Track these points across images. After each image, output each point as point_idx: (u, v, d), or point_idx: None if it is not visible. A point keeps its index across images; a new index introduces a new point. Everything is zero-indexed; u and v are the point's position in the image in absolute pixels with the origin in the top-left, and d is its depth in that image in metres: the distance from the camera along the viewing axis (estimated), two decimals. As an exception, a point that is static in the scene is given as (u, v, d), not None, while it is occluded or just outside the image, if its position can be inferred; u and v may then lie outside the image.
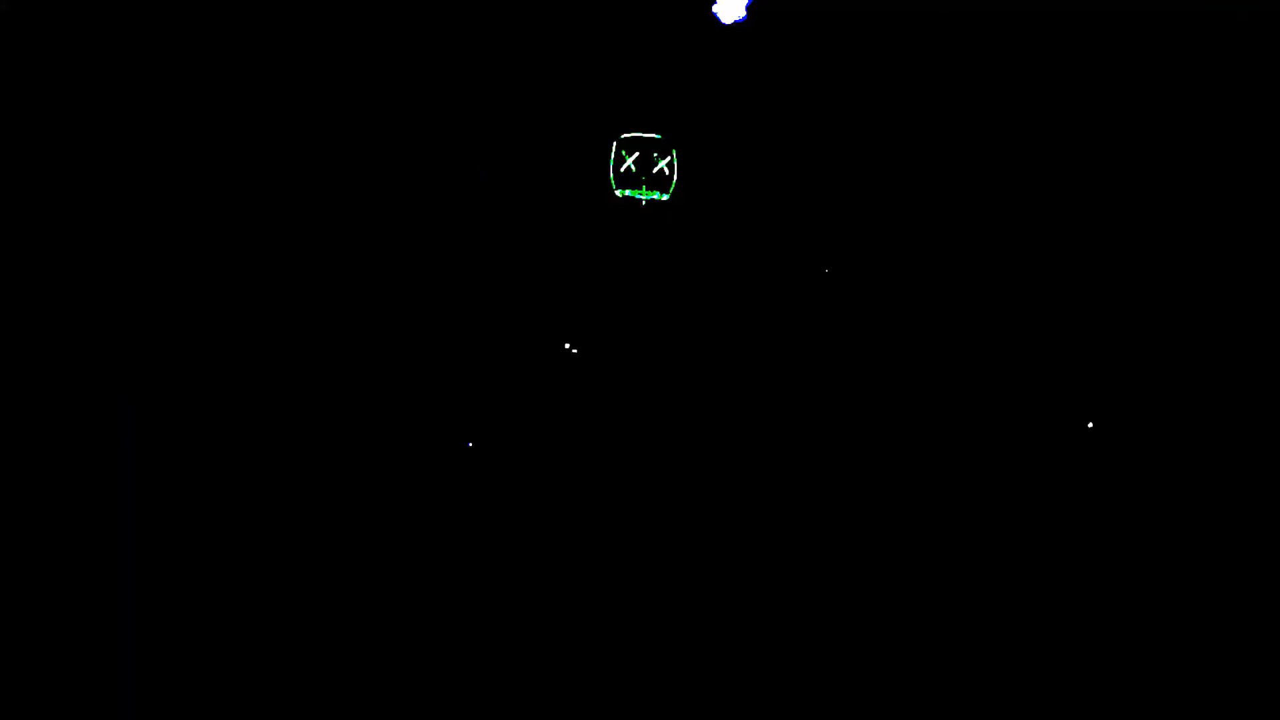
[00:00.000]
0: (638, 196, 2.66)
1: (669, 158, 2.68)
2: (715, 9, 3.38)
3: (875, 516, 3.15)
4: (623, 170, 2.66)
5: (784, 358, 2.90)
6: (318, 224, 3.30)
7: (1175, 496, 3.21)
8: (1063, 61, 3.71)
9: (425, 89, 3.34)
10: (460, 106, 3.25)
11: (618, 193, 2.67)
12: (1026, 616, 3.09)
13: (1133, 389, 3.16)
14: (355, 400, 3.16)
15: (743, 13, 3.34)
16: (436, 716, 2.81)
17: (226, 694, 2.80)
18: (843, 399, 2.91)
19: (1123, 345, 3.16)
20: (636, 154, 2.66)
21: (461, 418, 3.27)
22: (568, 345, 2.99)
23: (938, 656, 2.99)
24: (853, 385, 2.94)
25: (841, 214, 3.59)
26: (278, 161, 3.24)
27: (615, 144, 2.68)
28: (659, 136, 2.68)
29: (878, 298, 3.01)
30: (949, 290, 2.87)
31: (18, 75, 3.24)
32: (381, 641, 2.93)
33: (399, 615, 3.01)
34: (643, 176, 2.65)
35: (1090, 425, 3.24)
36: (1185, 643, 3.05)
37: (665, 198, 2.69)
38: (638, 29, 3.12)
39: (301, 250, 3.24)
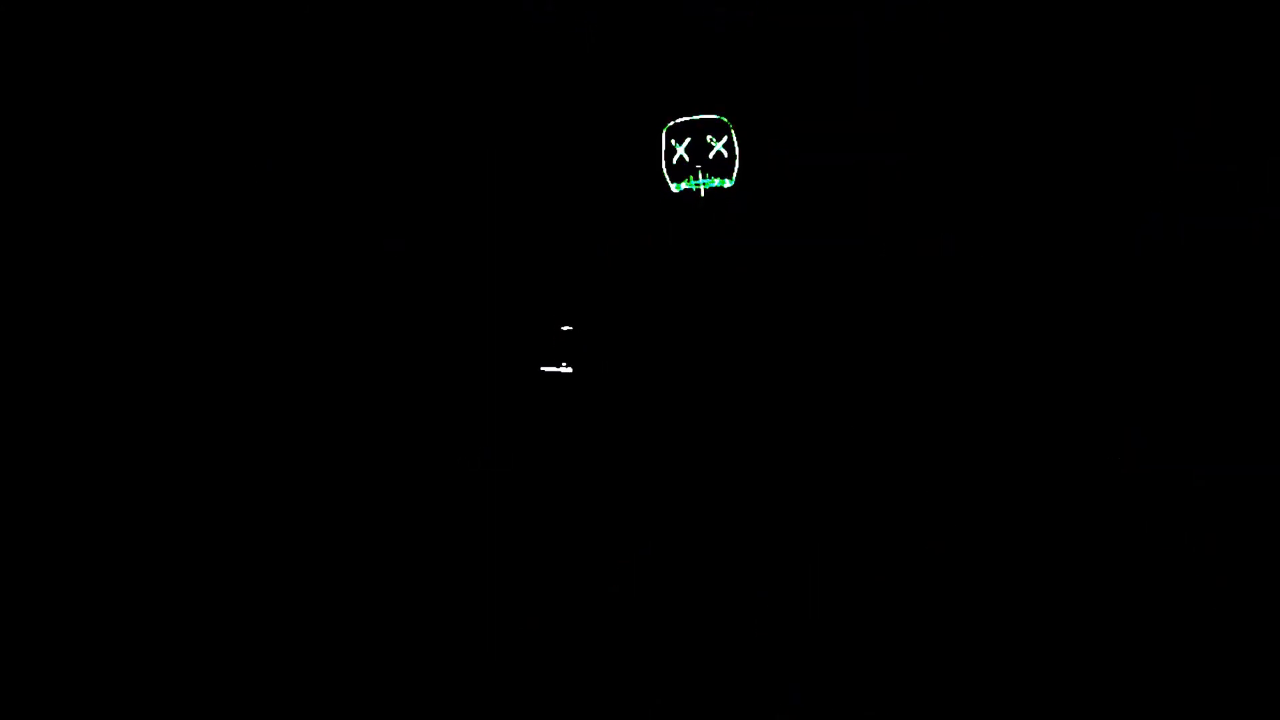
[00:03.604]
0: (695, 186, 2.31)
1: (726, 137, 2.32)
2: None
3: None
4: (675, 161, 2.32)
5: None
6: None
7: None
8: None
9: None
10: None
11: (673, 187, 2.33)
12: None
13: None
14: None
15: None
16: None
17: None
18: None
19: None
20: (689, 139, 2.31)
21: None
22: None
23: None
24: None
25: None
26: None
27: (665, 132, 2.34)
28: (713, 116, 2.32)
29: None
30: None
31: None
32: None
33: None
34: (698, 165, 2.30)
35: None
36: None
37: (729, 184, 2.33)
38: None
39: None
